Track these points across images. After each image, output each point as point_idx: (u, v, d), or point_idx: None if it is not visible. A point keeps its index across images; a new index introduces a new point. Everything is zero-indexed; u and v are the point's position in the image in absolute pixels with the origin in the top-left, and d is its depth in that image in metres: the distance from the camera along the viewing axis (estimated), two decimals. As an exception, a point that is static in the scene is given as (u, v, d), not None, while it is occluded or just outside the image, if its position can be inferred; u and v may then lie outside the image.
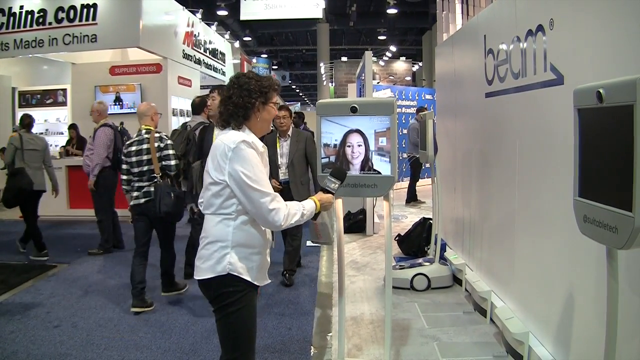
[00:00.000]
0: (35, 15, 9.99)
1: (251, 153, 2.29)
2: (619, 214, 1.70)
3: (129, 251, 6.96)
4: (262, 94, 2.43)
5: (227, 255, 2.34)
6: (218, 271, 2.34)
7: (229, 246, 2.34)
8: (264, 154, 2.43)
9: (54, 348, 3.97)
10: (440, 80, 6.64)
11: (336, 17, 23.23)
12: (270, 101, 2.47)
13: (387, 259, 3.15)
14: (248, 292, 2.41)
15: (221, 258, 2.34)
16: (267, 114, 2.48)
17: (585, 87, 1.91)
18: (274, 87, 2.49)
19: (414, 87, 18.89)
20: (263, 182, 2.29)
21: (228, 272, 2.34)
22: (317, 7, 17.21)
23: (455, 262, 5.15)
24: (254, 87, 2.42)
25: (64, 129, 12.32)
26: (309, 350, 3.88)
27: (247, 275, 2.37)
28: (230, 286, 2.36)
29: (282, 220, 2.30)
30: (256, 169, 2.29)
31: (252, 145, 2.31)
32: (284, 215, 2.31)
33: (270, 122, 2.56)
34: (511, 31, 3.78)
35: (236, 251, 2.35)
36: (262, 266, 2.47)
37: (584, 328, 2.81)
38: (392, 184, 2.99)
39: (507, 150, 3.93)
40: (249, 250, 2.38)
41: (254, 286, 2.43)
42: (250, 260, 2.39)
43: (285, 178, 5.37)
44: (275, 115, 4.21)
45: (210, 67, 14.14)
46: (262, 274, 2.50)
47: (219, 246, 2.35)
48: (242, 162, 2.27)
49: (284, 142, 5.45)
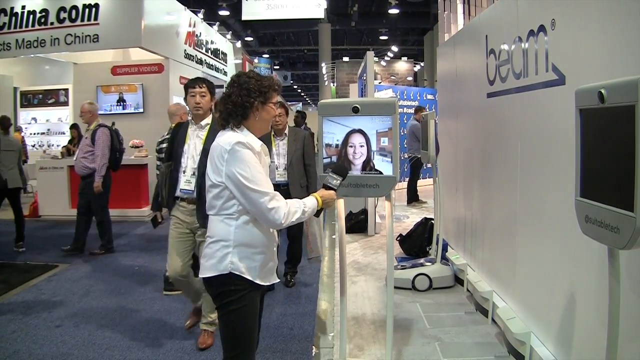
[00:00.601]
0: (37, 15, 10.02)
1: (247, 153, 2.30)
2: (620, 214, 1.70)
3: (130, 251, 7.00)
4: (261, 94, 2.44)
5: (229, 255, 2.36)
6: (220, 270, 2.37)
7: (231, 245, 2.36)
8: (262, 154, 2.43)
9: (55, 348, 3.97)
10: (442, 81, 6.63)
11: (338, 17, 23.26)
12: (269, 101, 2.47)
13: (388, 259, 3.15)
14: (250, 292, 2.41)
15: (223, 257, 2.36)
16: (267, 114, 2.49)
17: (587, 87, 1.91)
18: (274, 87, 2.49)
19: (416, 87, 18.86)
20: (260, 182, 2.30)
21: (230, 271, 2.35)
22: (319, 7, 17.22)
23: (457, 263, 5.15)
24: (253, 86, 2.43)
25: (66, 129, 12.36)
26: (311, 350, 3.88)
27: (249, 275, 2.38)
28: (232, 285, 2.37)
29: (282, 218, 2.31)
30: (253, 169, 2.29)
31: (247, 146, 2.31)
32: (284, 213, 2.32)
33: (270, 122, 2.55)
34: (513, 31, 3.78)
35: (238, 250, 2.37)
36: (265, 265, 2.46)
37: (586, 328, 2.81)
38: (393, 184, 2.99)
39: (508, 151, 3.93)
40: (251, 250, 2.39)
41: (257, 285, 2.43)
42: (253, 259, 2.40)
43: (283, 180, 5.13)
44: None
45: (212, 67, 14.16)
46: (267, 273, 2.49)
47: (221, 245, 2.38)
48: (239, 163, 2.29)
49: (280, 141, 5.21)
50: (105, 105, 11.17)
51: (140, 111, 10.90)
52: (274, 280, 2.56)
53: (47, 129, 13.68)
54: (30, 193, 11.30)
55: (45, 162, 9.88)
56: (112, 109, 11.12)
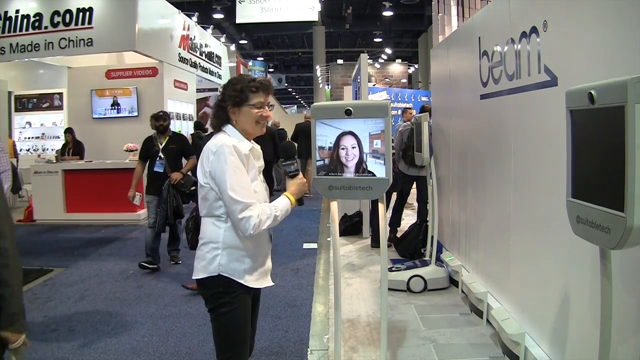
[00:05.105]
0: (31, 19, 9.98)
1: (230, 157, 2.30)
2: (611, 214, 1.71)
3: (125, 255, 6.99)
4: (230, 97, 2.44)
5: (218, 256, 2.38)
6: (210, 271, 2.39)
7: (220, 247, 2.38)
8: (251, 157, 2.41)
9: (51, 352, 3.96)
10: (436, 83, 6.65)
11: (332, 20, 23.26)
12: (246, 103, 2.43)
13: (382, 261, 3.15)
14: (241, 294, 2.41)
15: (212, 259, 2.38)
16: (245, 116, 2.45)
17: (577, 88, 1.92)
18: (251, 89, 2.44)
19: (410, 89, 18.89)
20: (238, 188, 2.29)
21: (219, 273, 2.37)
22: (313, 10, 17.22)
23: (452, 264, 5.16)
24: (227, 90, 2.46)
25: (60, 133, 12.33)
26: (306, 352, 3.88)
27: (238, 277, 2.39)
28: (222, 287, 2.39)
29: (251, 229, 2.28)
30: (234, 174, 2.29)
31: (232, 149, 2.31)
32: (254, 224, 2.28)
33: (253, 123, 2.47)
34: (505, 33, 3.80)
35: (227, 252, 2.38)
36: (255, 269, 2.46)
37: (580, 328, 2.82)
38: (387, 186, 3.00)
39: (502, 152, 3.95)
40: (240, 252, 2.40)
41: (248, 288, 2.43)
42: (242, 262, 2.40)
43: None
44: None
45: (207, 71, 14.16)
46: (257, 276, 2.48)
47: (210, 247, 2.40)
48: (221, 166, 2.30)
49: None
50: (100, 109, 11.18)
51: (135, 115, 10.91)
52: (266, 283, 2.56)
53: (42, 133, 13.65)
54: (24, 197, 11.27)
55: (39, 166, 9.85)
56: (106, 113, 11.14)
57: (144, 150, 6.28)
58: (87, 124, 11.17)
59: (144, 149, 6.28)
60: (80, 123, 11.09)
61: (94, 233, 8.60)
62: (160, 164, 6.13)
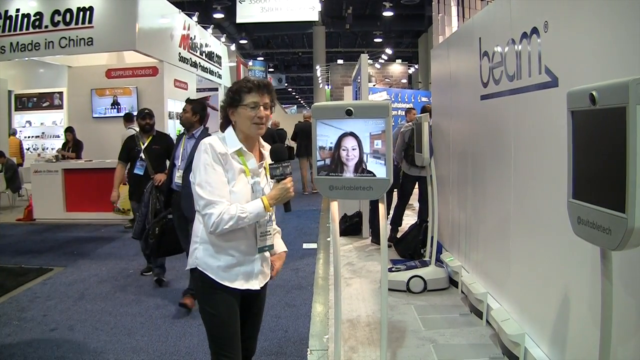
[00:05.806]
0: (31, 18, 9.97)
1: (204, 155, 2.34)
2: (612, 215, 1.71)
3: (125, 255, 6.98)
4: (228, 99, 2.48)
5: (196, 250, 2.45)
6: (190, 263, 2.49)
7: (198, 242, 2.45)
8: (229, 157, 2.37)
9: (50, 351, 3.96)
10: (436, 83, 6.65)
11: (332, 20, 23.27)
12: (241, 104, 2.42)
13: (382, 261, 3.15)
14: (219, 292, 2.42)
15: (193, 251, 2.47)
16: (240, 117, 2.43)
17: (579, 89, 1.92)
18: (245, 89, 2.42)
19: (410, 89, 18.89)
20: (205, 185, 2.31)
21: (196, 266, 2.44)
22: (313, 10, 17.25)
23: (452, 264, 5.16)
24: (227, 92, 2.52)
25: (60, 132, 12.34)
26: (306, 352, 3.88)
27: (212, 273, 2.41)
28: (200, 280, 2.45)
29: (210, 226, 2.28)
30: (204, 170, 2.32)
31: (208, 147, 2.34)
32: (213, 222, 2.27)
33: (249, 123, 2.43)
34: (506, 34, 3.80)
35: (203, 247, 2.43)
36: (231, 267, 2.42)
37: (580, 329, 2.82)
38: (387, 187, 3.00)
39: (502, 152, 3.94)
40: (215, 248, 2.41)
41: (224, 287, 2.42)
42: (217, 258, 2.41)
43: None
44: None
45: (207, 70, 14.15)
46: (234, 276, 2.44)
47: (194, 241, 2.48)
48: (196, 162, 2.37)
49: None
50: (100, 109, 11.17)
51: (135, 114, 10.88)
52: (248, 286, 2.48)
53: (42, 132, 13.65)
54: (24, 196, 11.28)
55: (39, 165, 9.86)
56: (106, 112, 11.14)
57: (125, 150, 5.91)
58: (87, 123, 11.16)
59: (125, 148, 5.90)
60: (80, 122, 11.10)
61: (93, 232, 8.60)
62: (141, 165, 5.74)
